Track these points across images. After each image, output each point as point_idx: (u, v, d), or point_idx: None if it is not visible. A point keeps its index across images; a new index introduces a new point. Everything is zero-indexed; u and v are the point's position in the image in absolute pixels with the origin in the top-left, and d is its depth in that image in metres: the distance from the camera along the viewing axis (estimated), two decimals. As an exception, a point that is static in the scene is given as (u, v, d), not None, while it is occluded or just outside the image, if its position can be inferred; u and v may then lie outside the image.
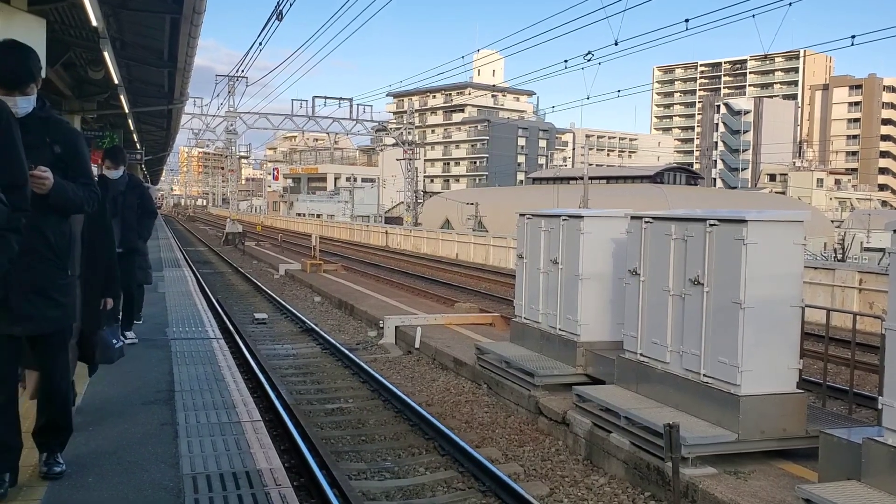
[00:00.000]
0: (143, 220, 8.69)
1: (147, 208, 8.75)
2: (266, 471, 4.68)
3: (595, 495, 6.43)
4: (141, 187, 8.77)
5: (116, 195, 8.02)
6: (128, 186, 8.37)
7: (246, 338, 12.90)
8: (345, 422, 8.55)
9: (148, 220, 8.85)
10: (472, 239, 37.13)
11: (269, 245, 41.54)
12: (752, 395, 6.13)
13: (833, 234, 45.05)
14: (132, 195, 8.40)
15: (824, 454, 5.47)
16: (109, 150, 9.08)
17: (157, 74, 16.42)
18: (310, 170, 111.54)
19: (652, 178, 61.41)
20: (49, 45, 9.41)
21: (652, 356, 7.19)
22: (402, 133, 54.01)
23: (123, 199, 8.22)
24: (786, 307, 6.29)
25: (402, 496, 6.34)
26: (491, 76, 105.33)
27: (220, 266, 29.81)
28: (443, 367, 11.29)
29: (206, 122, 50.88)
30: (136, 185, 8.66)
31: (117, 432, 5.30)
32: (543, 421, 8.22)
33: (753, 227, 6.15)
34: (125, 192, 8.29)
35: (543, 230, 9.44)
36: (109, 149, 9.39)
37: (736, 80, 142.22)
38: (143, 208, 8.61)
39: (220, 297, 18.20)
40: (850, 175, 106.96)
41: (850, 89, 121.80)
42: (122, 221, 8.03)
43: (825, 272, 18.31)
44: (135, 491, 4.25)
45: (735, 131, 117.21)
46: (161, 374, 7.21)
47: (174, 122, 27.45)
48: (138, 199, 8.50)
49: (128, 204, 8.30)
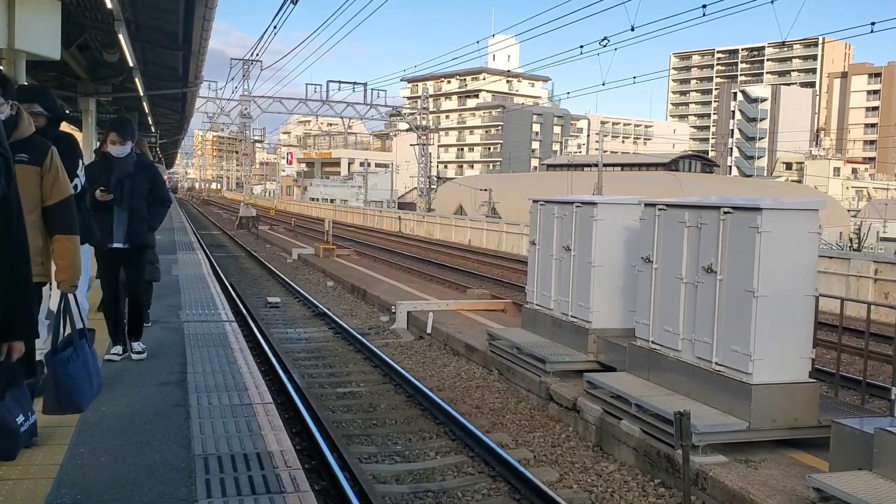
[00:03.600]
0: (154, 208, 6.99)
1: (159, 195, 7.03)
2: (277, 453, 4.70)
3: (605, 482, 6.43)
4: (152, 168, 7.06)
5: (122, 177, 6.66)
6: (136, 167, 6.78)
7: (259, 321, 12.98)
8: (356, 405, 8.58)
9: (160, 209, 7.10)
10: (484, 225, 37.08)
11: (282, 229, 41.66)
12: (764, 384, 6.11)
13: (849, 224, 44.74)
14: (141, 178, 6.79)
15: (836, 444, 5.45)
16: (115, 120, 7.34)
17: (172, 57, 16.43)
18: (324, 154, 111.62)
19: (667, 165, 61.14)
20: (64, 28, 9.44)
21: (664, 344, 7.17)
22: (416, 118, 53.93)
23: (131, 183, 6.70)
24: (799, 296, 6.25)
25: (412, 480, 6.36)
26: (506, 61, 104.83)
27: (234, 250, 29.93)
28: (454, 353, 11.31)
29: (221, 105, 51.03)
30: (147, 166, 6.97)
31: (130, 413, 5.34)
32: (554, 407, 8.23)
33: (768, 215, 6.11)
34: (133, 174, 6.73)
35: (556, 217, 9.41)
36: (115, 119, 7.46)
37: (753, 68, 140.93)
38: (154, 194, 6.94)
39: (233, 280, 18.29)
40: (867, 164, 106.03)
41: (869, 77, 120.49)
42: (130, 210, 6.68)
43: (840, 261, 18.17)
44: (146, 471, 4.29)
45: (751, 119, 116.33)
46: (174, 355, 7.25)
47: (189, 105, 27.47)
48: (149, 183, 6.86)
49: (136, 189, 6.73)
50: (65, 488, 3.98)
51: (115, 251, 6.70)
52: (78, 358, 4.18)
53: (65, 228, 4.21)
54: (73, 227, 4.24)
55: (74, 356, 4.15)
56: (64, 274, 4.24)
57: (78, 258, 4.29)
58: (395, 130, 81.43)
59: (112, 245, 6.66)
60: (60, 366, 4.10)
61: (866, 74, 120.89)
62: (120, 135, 6.72)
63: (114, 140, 6.70)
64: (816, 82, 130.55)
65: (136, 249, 6.84)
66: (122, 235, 6.67)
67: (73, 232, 4.25)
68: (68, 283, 4.25)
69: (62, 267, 4.24)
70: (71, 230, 4.24)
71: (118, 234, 6.66)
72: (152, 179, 6.90)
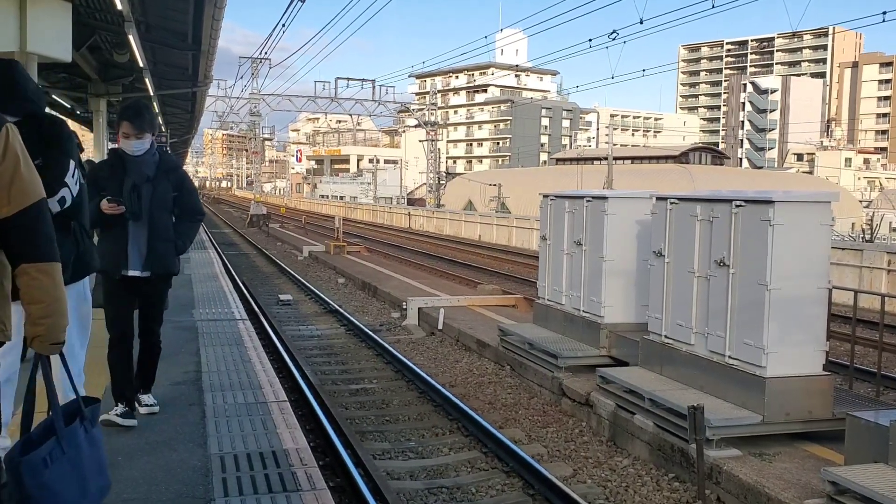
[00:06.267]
0: (183, 223, 5.23)
1: (189, 205, 5.24)
2: (292, 451, 4.73)
3: (618, 476, 6.43)
4: (179, 170, 5.29)
5: (140, 182, 4.96)
6: (158, 169, 5.06)
7: (271, 319, 13.03)
8: (369, 402, 8.61)
9: (189, 224, 5.30)
10: (494, 220, 37.06)
11: (293, 227, 41.76)
12: (778, 377, 6.09)
13: (861, 215, 44.47)
14: (165, 183, 5.06)
15: (851, 437, 5.42)
16: (129, 106, 5.18)
17: (182, 57, 16.48)
18: (333, 151, 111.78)
19: (677, 158, 60.90)
20: (75, 29, 9.48)
21: (676, 338, 7.16)
22: (425, 114, 53.90)
23: (152, 191, 5.00)
24: (812, 288, 6.22)
25: (426, 476, 6.38)
26: (514, 56, 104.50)
27: (245, 248, 30.04)
28: (466, 349, 11.32)
29: (230, 104, 51.15)
30: (172, 168, 5.20)
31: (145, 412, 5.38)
32: (567, 402, 8.23)
33: (780, 207, 6.09)
34: (154, 177, 5.02)
35: (567, 211, 9.40)
36: (128, 105, 5.23)
37: (763, 59, 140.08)
38: (182, 205, 5.18)
39: (245, 278, 18.36)
40: (879, 154, 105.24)
41: (880, 67, 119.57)
42: (150, 226, 4.99)
43: (853, 253, 18.08)
44: (163, 470, 4.32)
45: (762, 110, 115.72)
46: (188, 354, 7.30)
47: (198, 104, 27.56)
48: (175, 189, 5.12)
49: (158, 197, 5.02)
50: (83, 488, 4.01)
51: (131, 281, 5.02)
52: (63, 456, 2.63)
53: (34, 254, 2.57)
54: (47, 251, 2.60)
55: (57, 454, 2.62)
56: (38, 326, 2.57)
57: (60, 299, 2.63)
58: (403, 126, 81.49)
59: (127, 273, 4.99)
60: (30, 472, 2.54)
61: (878, 64, 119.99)
62: (135, 125, 4.93)
63: (127, 132, 4.93)
64: (827, 72, 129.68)
65: (159, 279, 5.15)
66: (139, 260, 5.00)
67: (48, 258, 2.60)
68: (47, 339, 2.59)
69: (34, 315, 2.57)
70: (45, 256, 2.59)
71: (134, 258, 4.99)
72: (179, 184, 5.16)
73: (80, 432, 2.76)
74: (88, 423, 2.80)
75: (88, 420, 2.81)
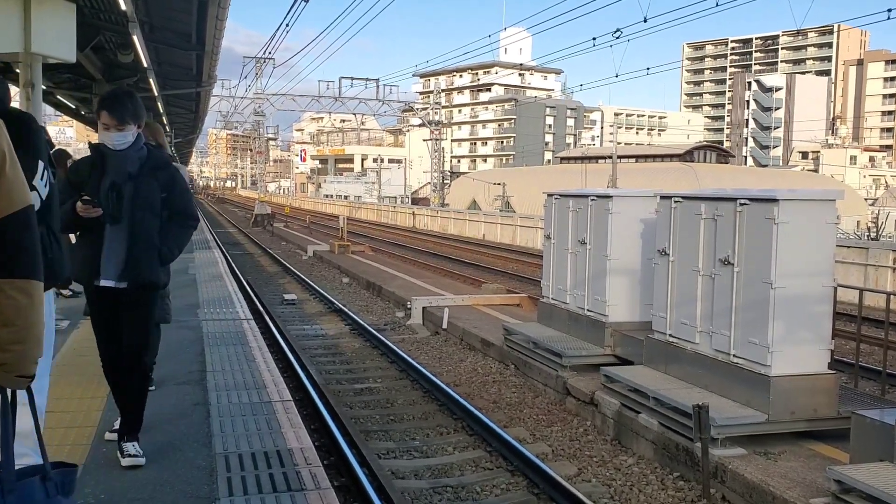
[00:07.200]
0: (172, 228, 4.44)
1: (179, 207, 4.46)
2: (297, 450, 4.73)
3: (623, 475, 6.43)
4: (169, 168, 4.48)
5: (120, 180, 4.25)
6: (144, 166, 4.33)
7: (276, 318, 13.05)
8: (373, 401, 8.62)
9: (179, 230, 4.52)
10: (499, 219, 37.05)
11: (297, 227, 41.80)
12: (783, 376, 6.08)
13: (867, 212, 44.35)
14: (150, 182, 4.32)
15: (856, 435, 5.41)
16: (108, 95, 4.46)
17: (186, 57, 16.51)
18: (337, 151, 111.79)
19: (682, 156, 60.74)
20: (79, 30, 9.50)
21: (681, 337, 7.15)
22: (429, 113, 53.91)
23: (134, 189, 4.26)
24: (817, 287, 6.21)
25: (430, 475, 6.39)
26: (518, 54, 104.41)
27: (250, 247, 30.08)
28: (470, 348, 11.32)
29: (234, 104, 51.26)
30: (161, 165, 4.43)
31: (150, 412, 5.35)
32: (571, 401, 8.23)
33: (785, 206, 6.08)
34: (138, 175, 4.30)
35: (571, 210, 9.39)
36: (108, 93, 4.50)
37: (767, 57, 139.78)
38: (172, 207, 4.42)
39: (249, 278, 18.38)
40: (884, 152, 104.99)
41: (885, 64, 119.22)
42: (131, 231, 4.25)
43: (858, 251, 18.03)
44: (168, 470, 4.33)
45: (766, 108, 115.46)
46: (193, 354, 7.31)
47: (202, 104, 27.61)
48: (164, 189, 4.36)
49: (142, 198, 4.28)
50: (87, 488, 4.03)
51: (109, 294, 4.28)
52: None
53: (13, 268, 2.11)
54: (28, 267, 2.14)
55: None
56: (6, 353, 2.08)
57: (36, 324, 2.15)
58: (407, 126, 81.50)
59: (99, 283, 4.27)
60: None
61: (883, 61, 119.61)
62: (115, 115, 4.21)
63: (107, 123, 4.23)
64: (832, 70, 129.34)
65: (139, 290, 4.31)
66: (114, 269, 4.25)
67: (28, 275, 2.14)
68: (13, 369, 2.10)
69: (3, 340, 2.08)
70: (26, 272, 2.13)
71: (109, 266, 4.25)
72: (169, 184, 4.39)
73: (37, 492, 2.10)
74: (53, 487, 2.14)
75: (55, 483, 2.14)
